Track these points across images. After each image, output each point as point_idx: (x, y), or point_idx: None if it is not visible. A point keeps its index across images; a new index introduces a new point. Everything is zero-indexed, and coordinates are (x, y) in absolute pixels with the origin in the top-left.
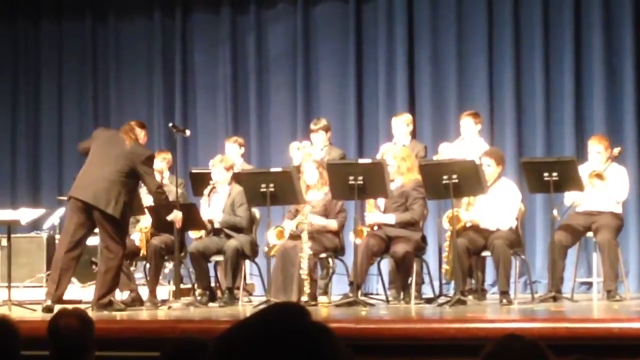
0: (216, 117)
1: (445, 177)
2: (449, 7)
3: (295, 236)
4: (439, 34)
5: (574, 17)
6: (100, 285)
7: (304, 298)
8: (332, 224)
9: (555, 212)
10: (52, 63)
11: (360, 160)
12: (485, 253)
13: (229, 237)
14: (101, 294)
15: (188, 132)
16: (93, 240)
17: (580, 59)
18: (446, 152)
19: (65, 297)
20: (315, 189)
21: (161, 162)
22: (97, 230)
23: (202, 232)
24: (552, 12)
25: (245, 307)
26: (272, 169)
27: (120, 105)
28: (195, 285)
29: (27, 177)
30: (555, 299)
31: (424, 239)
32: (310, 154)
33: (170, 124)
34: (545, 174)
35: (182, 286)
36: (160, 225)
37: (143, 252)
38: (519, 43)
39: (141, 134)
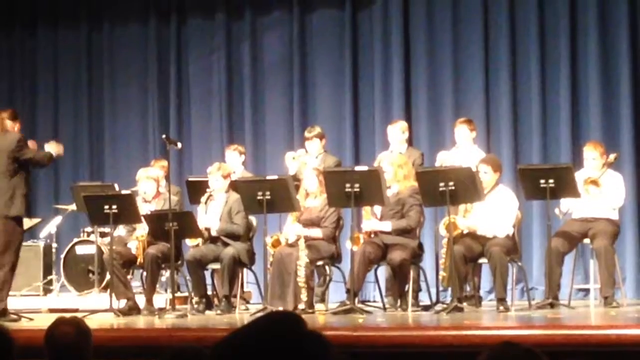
0: (211, 125)
1: (442, 184)
2: (444, 15)
3: (292, 244)
4: (434, 41)
5: (569, 24)
6: None
7: (301, 306)
8: (316, 233)
9: (557, 210)
10: (48, 70)
11: (357, 168)
12: (482, 260)
13: (225, 244)
14: None
15: (180, 145)
16: (89, 249)
17: (576, 65)
18: (444, 161)
19: (61, 306)
20: (313, 196)
21: (159, 170)
22: (92, 237)
23: (199, 240)
24: (547, 19)
25: (242, 315)
26: (268, 177)
27: (115, 113)
28: (192, 293)
29: None
30: (552, 305)
31: (420, 246)
32: (305, 162)
33: (164, 136)
34: (542, 181)
35: (179, 294)
36: (157, 233)
37: (140, 260)
38: (514, 50)
39: (9, 124)
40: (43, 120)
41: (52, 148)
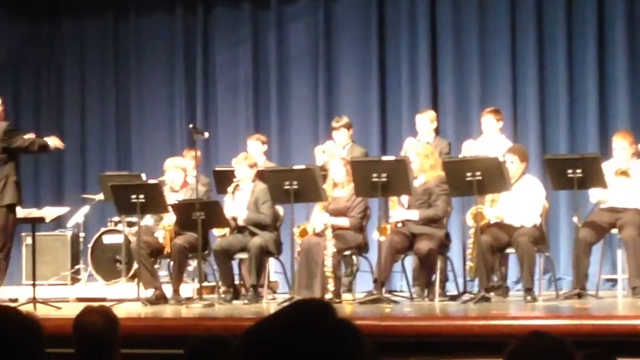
0: (237, 115)
1: (469, 174)
2: (471, 3)
3: (319, 233)
4: (461, 30)
5: (597, 13)
6: None
7: (328, 295)
8: (343, 222)
9: (575, 219)
10: (75, 61)
11: (384, 158)
12: (509, 250)
13: (253, 234)
14: None
15: (207, 134)
16: (116, 238)
17: (603, 54)
18: (470, 149)
19: (89, 295)
20: (340, 186)
21: (189, 160)
22: (120, 227)
23: (226, 230)
24: (575, 8)
25: (270, 305)
26: (296, 167)
27: (142, 103)
28: (219, 283)
29: (50, 175)
30: (579, 295)
31: (447, 236)
32: (334, 154)
33: (191, 125)
34: (569, 171)
35: (206, 284)
36: (184, 223)
37: (167, 250)
38: (541, 39)
39: None
40: (70, 111)
41: (52, 141)
